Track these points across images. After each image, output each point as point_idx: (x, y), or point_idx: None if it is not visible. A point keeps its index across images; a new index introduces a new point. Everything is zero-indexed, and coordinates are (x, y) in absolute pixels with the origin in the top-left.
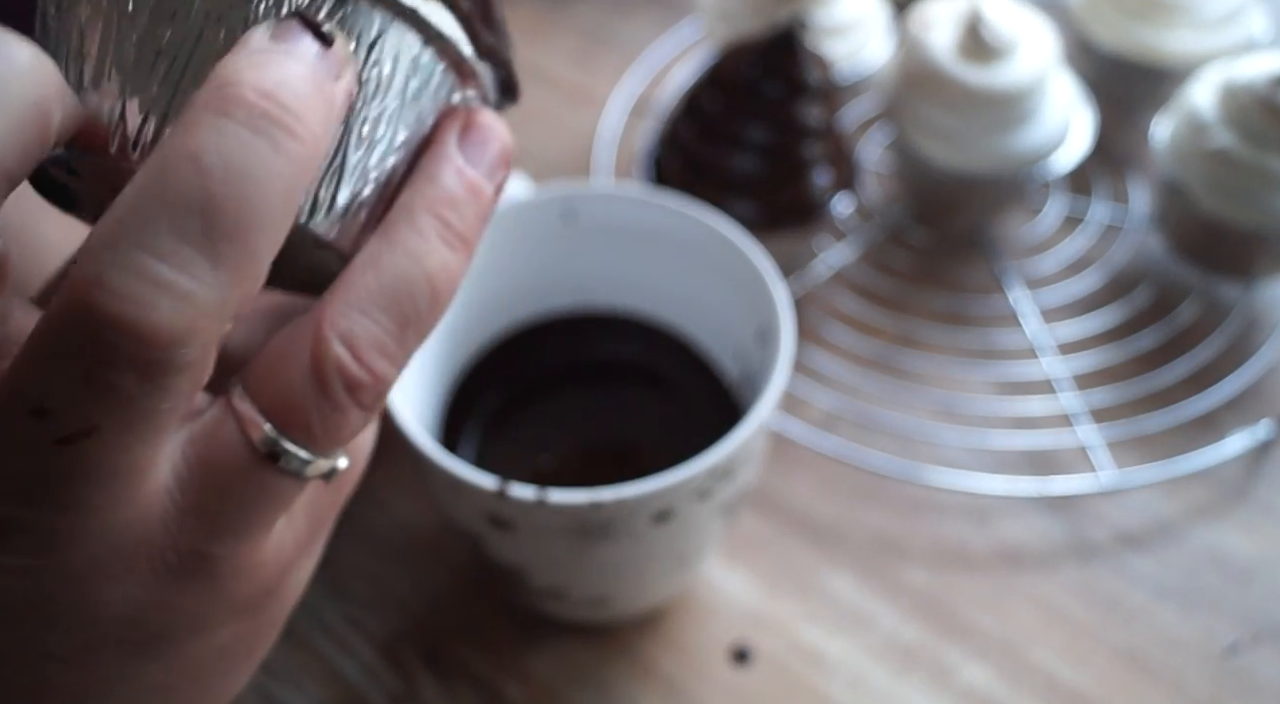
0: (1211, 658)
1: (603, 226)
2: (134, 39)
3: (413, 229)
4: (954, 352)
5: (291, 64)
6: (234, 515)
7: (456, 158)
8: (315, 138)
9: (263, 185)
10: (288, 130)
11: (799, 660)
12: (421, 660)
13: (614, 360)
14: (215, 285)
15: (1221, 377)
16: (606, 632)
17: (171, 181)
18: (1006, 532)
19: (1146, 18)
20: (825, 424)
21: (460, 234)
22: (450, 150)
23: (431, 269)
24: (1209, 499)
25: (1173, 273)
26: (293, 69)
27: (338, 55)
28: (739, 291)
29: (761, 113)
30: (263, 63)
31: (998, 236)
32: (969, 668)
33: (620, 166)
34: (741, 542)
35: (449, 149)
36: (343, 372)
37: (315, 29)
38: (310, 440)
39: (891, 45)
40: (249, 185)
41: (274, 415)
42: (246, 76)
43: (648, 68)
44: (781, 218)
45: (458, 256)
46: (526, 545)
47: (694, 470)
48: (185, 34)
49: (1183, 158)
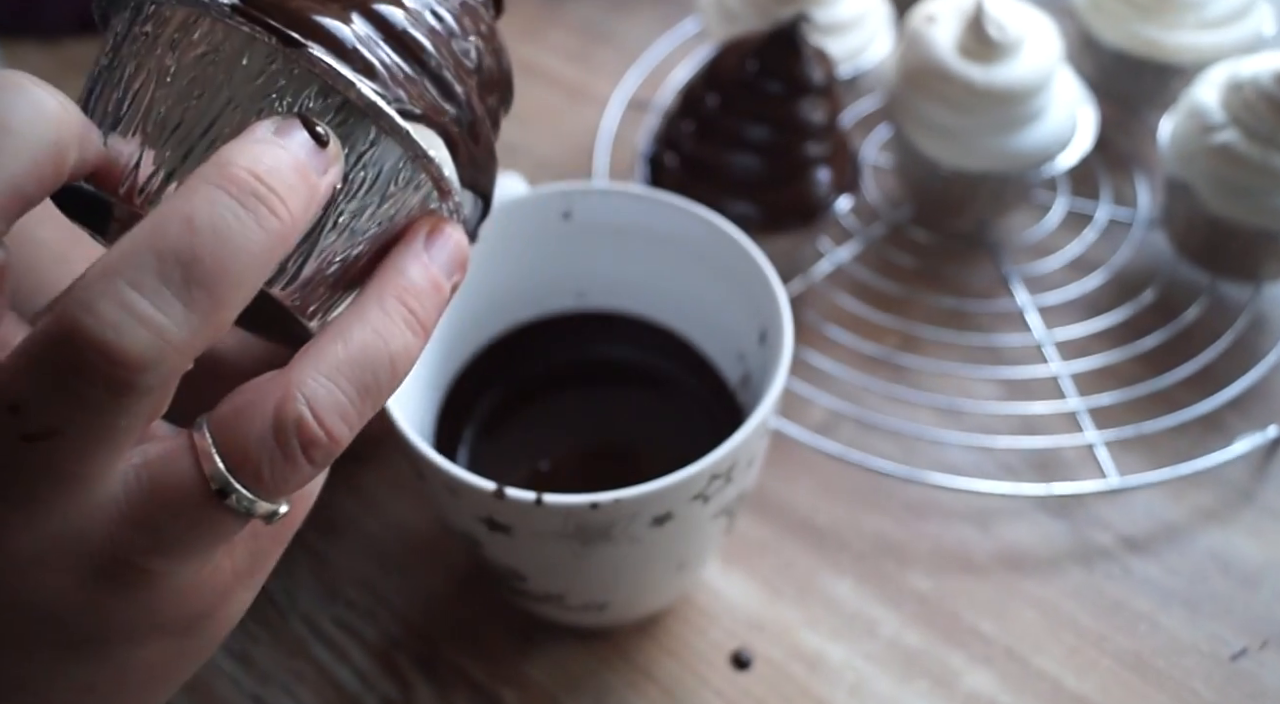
0: (1218, 664)
1: (602, 226)
2: (164, 105)
3: (383, 312)
4: (957, 353)
5: (285, 154)
6: (174, 537)
7: (422, 254)
8: (293, 219)
9: (240, 250)
10: (271, 209)
11: (800, 666)
12: (417, 667)
13: (613, 361)
14: (185, 325)
15: (1228, 378)
16: (605, 637)
17: (165, 234)
18: (1010, 535)
19: (1153, 14)
20: (826, 426)
21: (421, 321)
22: (418, 248)
23: (394, 348)
24: (1215, 502)
25: (1180, 273)
26: (285, 158)
27: (328, 154)
28: (739, 292)
29: (761, 111)
30: (261, 150)
31: (1001, 236)
32: (972, 674)
33: (620, 166)
34: (741, 546)
35: (417, 247)
36: (301, 429)
37: (311, 128)
38: (258, 485)
39: (893, 43)
40: (228, 248)
41: (229, 456)
42: (245, 159)
43: (648, 66)
44: (782, 218)
45: (417, 341)
46: (524, 549)
47: (693, 473)
48: (206, 111)
49: (1188, 156)
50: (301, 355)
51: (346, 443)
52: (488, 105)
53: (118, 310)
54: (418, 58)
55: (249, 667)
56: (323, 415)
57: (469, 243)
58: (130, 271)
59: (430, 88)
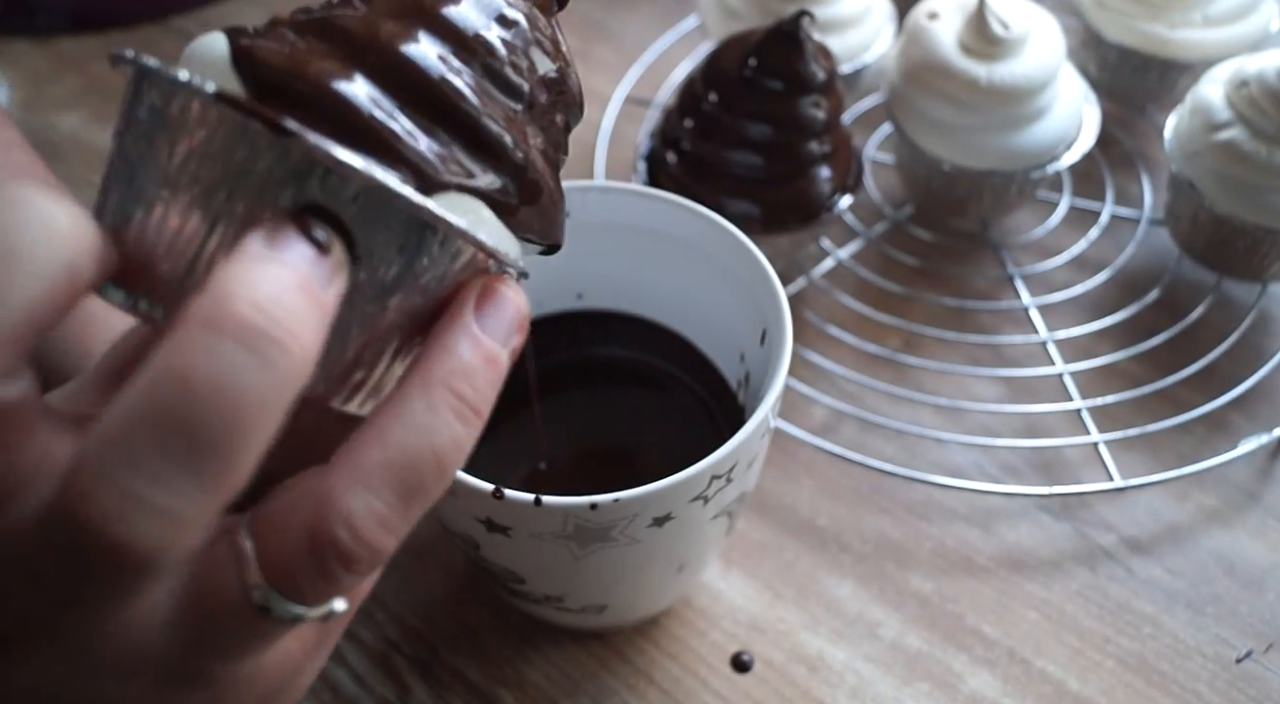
0: (1223, 666)
1: (601, 225)
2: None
3: (426, 404)
4: (959, 352)
5: (285, 272)
6: (227, 645)
7: (472, 327)
8: (306, 348)
9: (250, 402)
10: (279, 346)
11: (800, 669)
12: (415, 669)
13: (612, 361)
14: (196, 499)
15: (1233, 379)
16: (604, 639)
17: (162, 400)
18: (1012, 536)
19: (1157, 11)
20: (827, 426)
21: (473, 406)
22: (467, 320)
23: (440, 445)
24: (1220, 503)
25: (1184, 272)
26: (286, 278)
27: (332, 260)
28: (739, 291)
29: (762, 109)
30: (258, 273)
31: (1004, 235)
32: (974, 677)
33: (620, 164)
34: (742, 547)
35: (465, 318)
36: (337, 548)
37: (309, 234)
38: (301, 599)
39: (895, 39)
40: (235, 404)
41: (269, 572)
42: (242, 289)
43: (648, 64)
44: (783, 217)
45: (469, 430)
46: (523, 550)
47: (693, 473)
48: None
49: (1193, 154)
50: (339, 459)
51: (391, 550)
52: (553, 127)
53: (119, 500)
54: (452, 114)
55: None
56: (360, 530)
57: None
58: (129, 452)
59: (463, 153)
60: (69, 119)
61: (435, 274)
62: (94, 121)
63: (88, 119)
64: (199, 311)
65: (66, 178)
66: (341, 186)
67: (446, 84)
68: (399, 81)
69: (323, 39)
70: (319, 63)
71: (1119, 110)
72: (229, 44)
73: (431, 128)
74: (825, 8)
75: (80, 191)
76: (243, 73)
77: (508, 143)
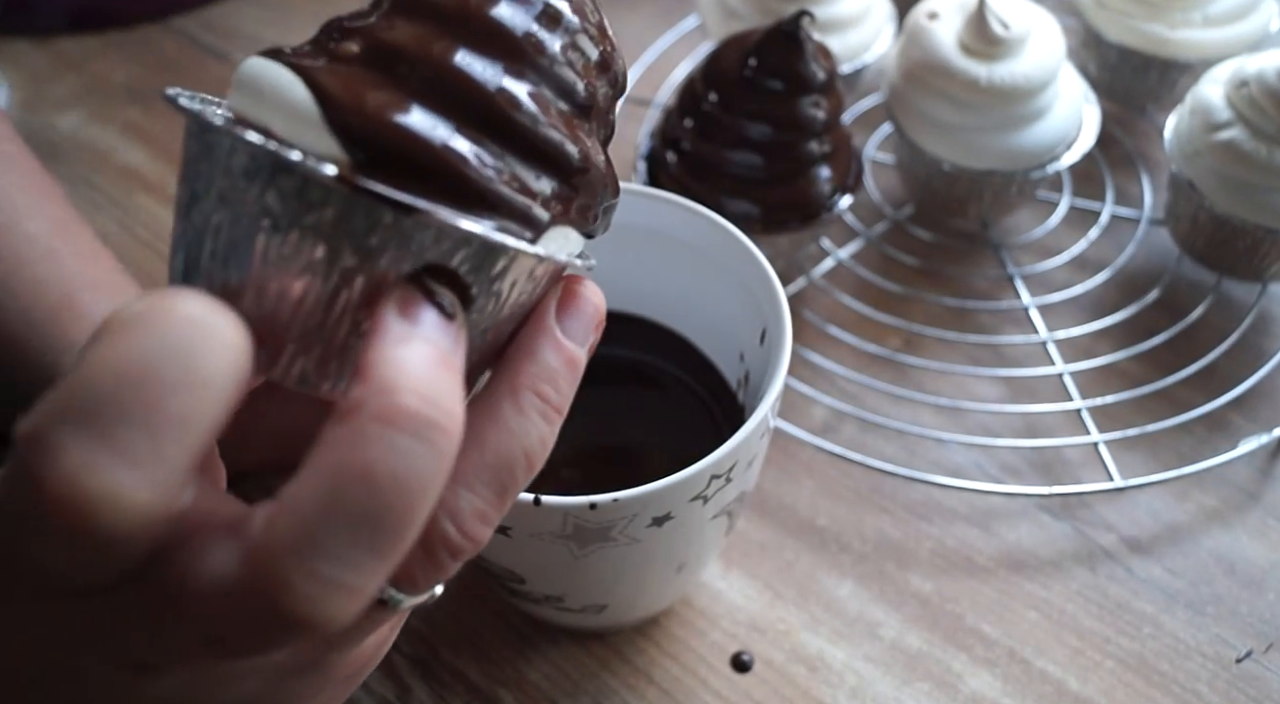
0: (1223, 666)
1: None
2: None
3: (515, 408)
4: (959, 352)
5: (428, 350)
6: (348, 637)
7: (555, 332)
8: (459, 422)
9: (425, 486)
10: (443, 430)
11: (800, 669)
12: (415, 669)
13: (612, 360)
14: (377, 576)
15: (1233, 378)
16: (604, 639)
17: (348, 494)
18: (1012, 536)
19: (1158, 11)
20: (827, 426)
21: (556, 406)
22: (549, 325)
23: (529, 445)
24: (1220, 503)
25: (1185, 272)
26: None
27: (457, 323)
28: (739, 291)
29: (762, 109)
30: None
31: (1004, 235)
32: (974, 676)
33: (621, 165)
34: (742, 547)
35: (548, 323)
36: (447, 543)
37: (436, 303)
38: (413, 589)
39: (895, 39)
40: (413, 490)
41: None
42: (402, 380)
43: (648, 63)
44: (783, 216)
45: (552, 427)
46: (522, 550)
47: (693, 473)
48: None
49: (1193, 154)
50: None
51: (488, 539)
52: (605, 114)
53: (312, 584)
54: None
55: None
56: (465, 525)
57: None
58: (320, 540)
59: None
60: (69, 119)
61: (530, 295)
62: (93, 121)
63: (87, 119)
64: (369, 406)
65: (67, 178)
66: (457, 247)
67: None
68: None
69: (392, 71)
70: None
71: (1119, 110)
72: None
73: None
74: (825, 8)
75: (79, 191)
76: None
77: (576, 157)
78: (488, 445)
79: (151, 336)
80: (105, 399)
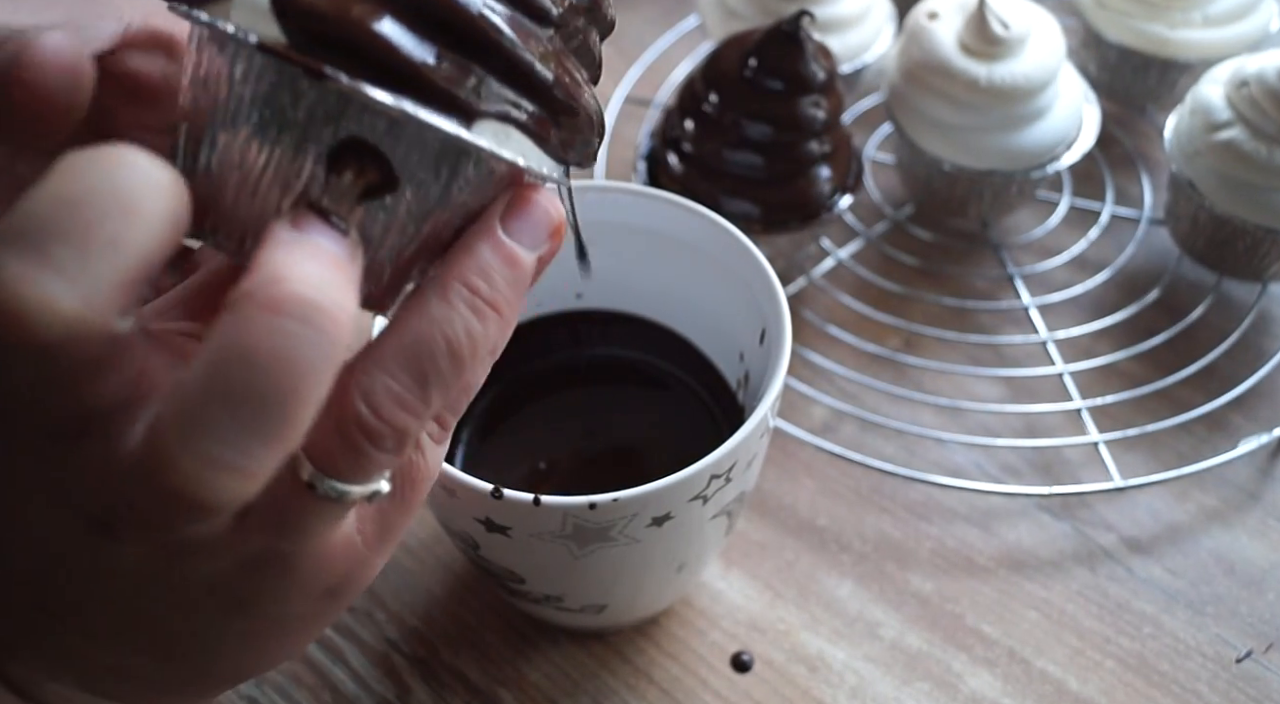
0: (1223, 666)
1: (600, 224)
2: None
3: (440, 297)
4: (959, 352)
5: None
6: (290, 525)
7: (496, 231)
8: (349, 313)
9: (308, 369)
10: (330, 316)
11: (800, 669)
12: (415, 669)
13: (612, 361)
14: (264, 456)
15: (1233, 378)
16: (604, 639)
17: (230, 376)
18: (1012, 536)
19: (1158, 11)
20: (827, 426)
21: (488, 300)
22: (492, 225)
23: (451, 332)
24: (1220, 503)
25: (1185, 272)
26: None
27: (351, 240)
28: (739, 291)
29: (762, 109)
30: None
31: (1004, 235)
32: (974, 676)
33: (620, 164)
34: (741, 547)
35: (490, 223)
36: (360, 424)
37: (328, 220)
38: (340, 477)
39: (895, 39)
40: (296, 372)
41: (312, 457)
42: (290, 271)
43: (648, 64)
44: (783, 216)
45: (484, 323)
46: (522, 550)
47: (692, 473)
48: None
49: (1193, 154)
50: (363, 350)
51: (415, 430)
52: (586, 47)
53: (197, 464)
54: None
55: None
56: (379, 408)
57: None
58: (203, 421)
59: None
60: None
61: (472, 192)
62: None
63: None
64: (256, 293)
65: None
66: (377, 121)
67: (481, 19)
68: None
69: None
70: (356, 6)
71: (1119, 110)
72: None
73: (465, 61)
74: (825, 8)
75: None
76: (283, 19)
77: (540, 72)
78: (407, 329)
79: (91, 173)
80: (42, 221)
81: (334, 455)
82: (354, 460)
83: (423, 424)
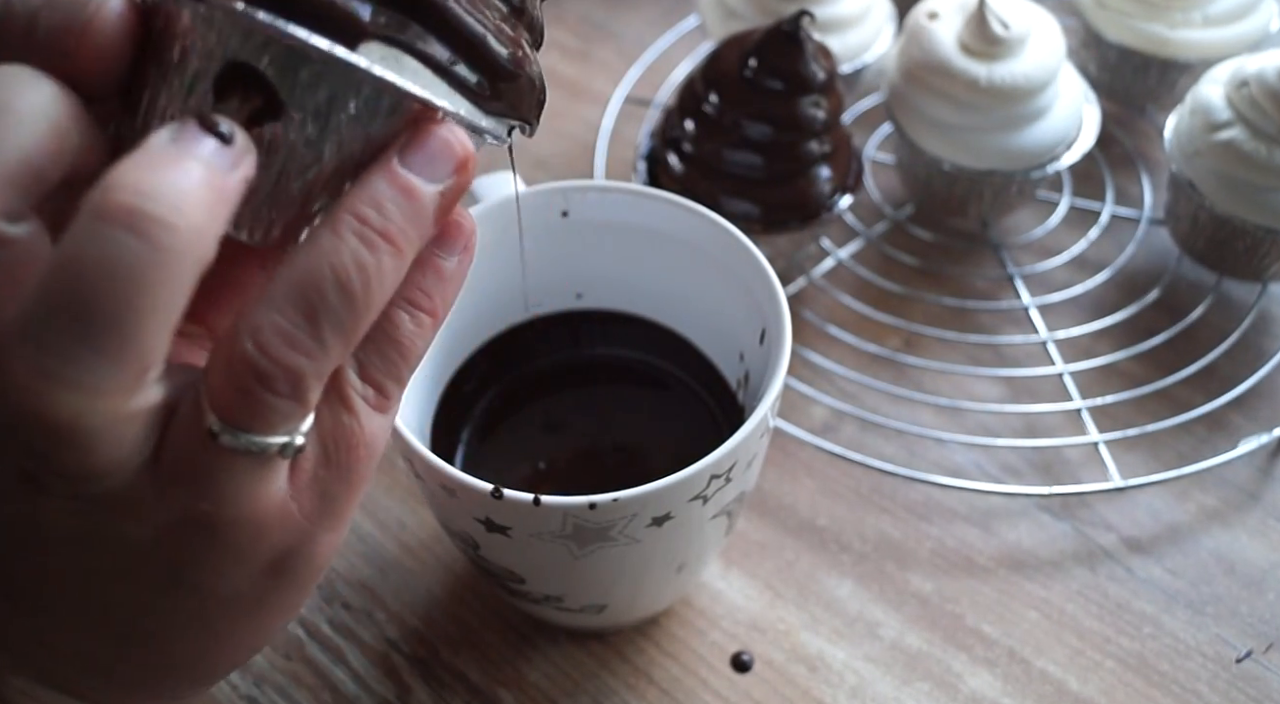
0: (1223, 666)
1: (601, 224)
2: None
3: (330, 230)
4: (959, 352)
5: (185, 162)
6: (202, 481)
7: (391, 163)
8: (194, 223)
9: (138, 279)
10: (161, 223)
11: (800, 669)
12: (415, 669)
13: (611, 360)
14: (103, 371)
15: (1233, 378)
16: (604, 639)
17: (57, 287)
18: (1012, 536)
19: (1158, 11)
20: (827, 426)
21: (380, 230)
22: (388, 159)
23: (339, 263)
24: (1220, 503)
25: (1185, 272)
26: (185, 166)
27: (236, 149)
28: (739, 291)
29: (762, 109)
30: (153, 164)
31: (1004, 235)
32: (974, 676)
33: (620, 164)
34: (741, 547)
35: (388, 156)
36: (248, 363)
37: (213, 129)
38: (241, 426)
39: (895, 39)
40: (124, 280)
41: (211, 401)
42: (130, 179)
43: (648, 64)
44: (783, 216)
45: (375, 255)
46: (522, 550)
47: (693, 473)
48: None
49: (1193, 154)
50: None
51: (306, 371)
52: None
53: (32, 378)
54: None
55: (245, 669)
56: (266, 346)
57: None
58: (34, 335)
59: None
60: None
61: (369, 123)
62: None
63: None
64: (86, 203)
65: None
66: (261, 44)
67: None
68: None
69: None
70: None
71: (1119, 110)
72: None
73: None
74: (825, 8)
75: None
76: None
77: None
78: (296, 264)
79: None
80: None
81: (231, 402)
82: (250, 406)
83: (319, 366)
